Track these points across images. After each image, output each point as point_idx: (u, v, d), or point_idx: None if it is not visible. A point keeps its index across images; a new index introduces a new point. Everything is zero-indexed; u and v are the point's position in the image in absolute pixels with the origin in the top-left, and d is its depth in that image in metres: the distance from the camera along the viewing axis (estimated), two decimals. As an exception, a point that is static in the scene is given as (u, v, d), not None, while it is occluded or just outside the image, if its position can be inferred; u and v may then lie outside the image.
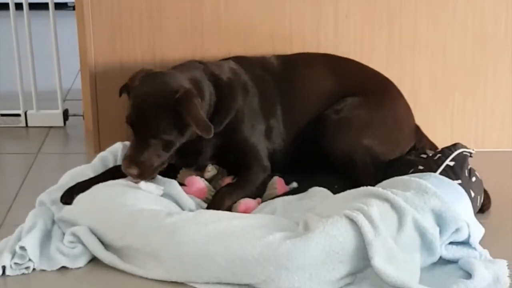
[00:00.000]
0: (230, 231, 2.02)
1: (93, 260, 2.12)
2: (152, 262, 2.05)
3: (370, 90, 2.54)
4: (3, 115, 3.18)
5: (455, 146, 2.31)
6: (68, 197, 2.28)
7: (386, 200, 2.03)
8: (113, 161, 2.51)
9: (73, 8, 3.24)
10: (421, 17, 2.79)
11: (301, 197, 2.36)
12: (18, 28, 3.12)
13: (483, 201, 2.35)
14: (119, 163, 2.48)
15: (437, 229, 2.02)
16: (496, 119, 2.88)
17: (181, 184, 2.35)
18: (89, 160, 2.54)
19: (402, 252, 1.97)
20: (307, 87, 2.55)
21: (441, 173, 2.23)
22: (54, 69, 3.16)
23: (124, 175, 2.31)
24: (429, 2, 2.78)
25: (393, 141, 2.49)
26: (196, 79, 2.34)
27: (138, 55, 2.79)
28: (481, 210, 2.35)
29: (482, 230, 2.15)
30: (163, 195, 2.27)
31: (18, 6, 3.11)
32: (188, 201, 2.29)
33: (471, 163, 2.32)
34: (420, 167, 2.28)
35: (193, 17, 2.77)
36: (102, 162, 2.50)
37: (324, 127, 2.46)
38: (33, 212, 2.25)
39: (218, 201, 2.30)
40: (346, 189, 2.19)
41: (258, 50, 2.72)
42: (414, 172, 2.25)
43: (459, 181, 2.21)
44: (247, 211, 2.29)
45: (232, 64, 2.52)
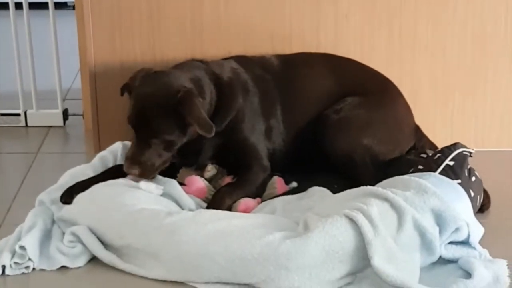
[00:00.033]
0: (230, 231, 2.02)
1: (93, 260, 2.12)
2: (152, 262, 2.05)
3: (370, 90, 2.54)
4: (3, 115, 3.18)
5: (455, 146, 2.31)
6: (68, 197, 2.28)
7: (386, 200, 2.03)
8: (113, 161, 2.50)
9: (73, 8, 3.23)
10: (421, 17, 2.79)
11: (301, 197, 2.36)
12: (18, 28, 3.11)
13: (483, 201, 2.35)
14: (119, 163, 2.48)
15: (437, 229, 2.02)
16: (496, 119, 2.88)
17: (181, 184, 2.35)
18: (89, 160, 2.54)
19: (402, 252, 1.96)
20: (307, 87, 2.55)
21: (441, 173, 2.23)
22: (54, 69, 3.15)
23: (124, 175, 2.31)
24: (429, 2, 2.78)
25: (393, 141, 2.49)
26: (197, 79, 2.34)
27: (138, 55, 2.79)
28: (481, 210, 2.35)
29: (482, 230, 2.15)
30: (163, 195, 2.27)
31: (18, 6, 3.10)
32: (188, 201, 2.29)
33: (471, 163, 2.32)
34: (420, 167, 2.28)
35: (193, 17, 2.77)
36: (102, 162, 2.49)
37: (324, 127, 2.46)
38: (33, 212, 2.25)
39: (218, 201, 2.30)
40: (346, 189, 2.19)
41: (258, 50, 2.72)
42: (414, 172, 2.25)
43: (459, 181, 2.21)
44: (247, 211, 2.29)
45: (233, 64, 2.51)
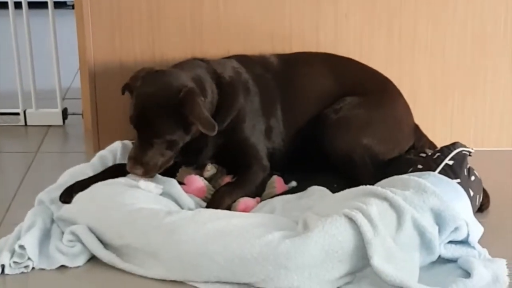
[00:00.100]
0: (229, 230, 2.02)
1: (92, 259, 2.12)
2: (152, 261, 2.05)
3: (370, 90, 2.54)
4: (2, 114, 3.18)
5: (454, 145, 2.31)
6: (67, 196, 2.27)
7: (385, 199, 2.03)
8: (112, 160, 2.50)
9: (72, 7, 3.23)
10: (421, 17, 2.79)
11: (300, 196, 2.35)
12: (17, 27, 3.11)
13: (482, 200, 2.35)
14: (118, 162, 2.48)
15: (436, 228, 2.02)
16: (496, 119, 2.88)
17: (180, 183, 2.35)
18: (88, 159, 2.54)
19: (401, 251, 1.96)
20: (307, 87, 2.55)
21: (440, 172, 2.23)
22: (53, 68, 3.15)
23: (123, 174, 2.31)
24: (429, 2, 2.78)
25: (393, 140, 2.49)
26: (199, 78, 2.33)
27: (138, 55, 2.78)
28: (480, 209, 2.35)
29: (481, 229, 2.15)
30: (163, 194, 2.27)
31: (17, 5, 3.10)
32: (187, 200, 2.29)
33: (470, 162, 2.32)
34: (419, 166, 2.28)
35: (193, 17, 2.77)
36: (101, 161, 2.49)
37: (324, 127, 2.46)
38: (32, 211, 2.25)
39: (218, 200, 2.30)
40: (345, 188, 2.19)
41: (258, 50, 2.72)
42: (413, 171, 2.25)
43: (458, 180, 2.21)
44: (246, 210, 2.29)
45: (234, 63, 2.51)
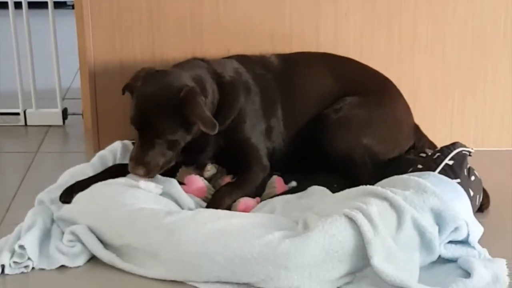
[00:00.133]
0: (229, 230, 2.02)
1: (92, 259, 2.11)
2: (152, 261, 2.05)
3: (370, 90, 2.53)
4: (2, 114, 3.18)
5: (454, 145, 2.31)
6: (67, 196, 2.27)
7: (385, 199, 2.03)
8: (113, 160, 2.50)
9: (72, 7, 3.23)
10: (421, 17, 2.79)
11: (300, 196, 2.35)
12: (17, 27, 3.11)
13: (482, 200, 2.35)
14: (119, 162, 2.48)
15: (436, 228, 2.02)
16: (495, 119, 2.88)
17: (181, 183, 2.35)
18: (88, 159, 2.54)
19: (401, 251, 1.96)
20: (307, 86, 2.55)
21: (440, 172, 2.23)
22: (53, 68, 3.15)
23: (124, 174, 2.31)
24: (429, 2, 2.78)
25: (393, 140, 2.49)
26: (199, 78, 2.33)
27: (138, 55, 2.78)
28: (480, 209, 2.35)
29: (481, 229, 2.15)
30: (163, 194, 2.27)
31: (17, 5, 3.10)
32: (188, 200, 2.29)
33: (470, 162, 2.32)
34: (419, 166, 2.28)
35: (193, 17, 2.77)
36: (101, 161, 2.49)
37: (324, 126, 2.46)
38: (32, 211, 2.25)
39: (218, 200, 2.30)
40: (346, 188, 2.19)
41: (258, 50, 2.72)
42: (413, 171, 2.25)
43: (458, 180, 2.21)
44: (246, 210, 2.29)
45: (234, 63, 2.51)
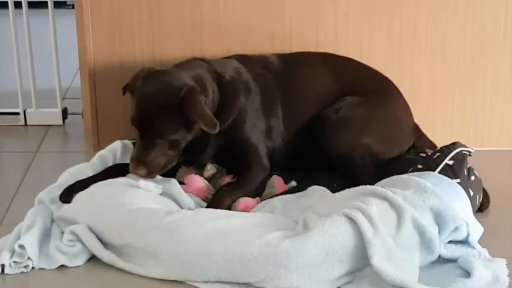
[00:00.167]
0: (229, 230, 2.02)
1: (92, 259, 2.11)
2: (151, 261, 2.05)
3: (370, 89, 2.53)
4: (2, 114, 3.18)
5: (454, 145, 2.31)
6: (67, 196, 2.27)
7: (385, 199, 2.03)
8: (112, 160, 2.50)
9: (72, 7, 3.23)
10: (421, 17, 2.79)
11: (300, 196, 2.35)
12: (17, 27, 3.11)
13: (482, 200, 2.35)
14: (118, 162, 2.48)
15: (436, 228, 2.02)
16: (495, 119, 2.88)
17: (181, 183, 2.35)
18: (88, 159, 2.54)
19: (401, 251, 1.96)
20: (307, 86, 2.55)
21: (440, 172, 2.23)
22: (53, 68, 3.15)
23: (123, 174, 2.31)
24: (429, 2, 2.78)
25: (392, 140, 2.49)
26: (200, 77, 2.33)
27: (138, 54, 2.78)
28: (480, 209, 2.35)
29: (481, 229, 2.15)
30: (162, 194, 2.27)
31: (17, 5, 3.10)
32: (187, 200, 2.29)
33: (470, 162, 2.32)
34: (419, 166, 2.28)
35: (193, 17, 2.77)
36: (101, 161, 2.49)
37: (324, 126, 2.46)
38: (32, 211, 2.25)
39: (218, 200, 2.30)
40: (345, 188, 2.19)
41: (258, 50, 2.72)
42: (413, 171, 2.25)
43: (458, 180, 2.21)
44: (246, 210, 2.29)
45: (235, 63, 2.51)
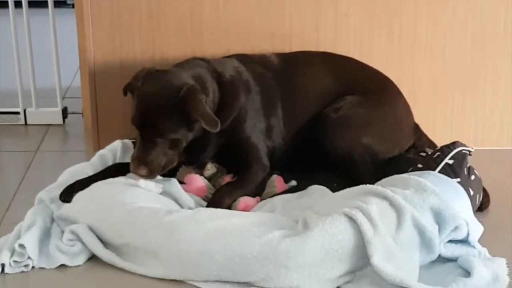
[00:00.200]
0: (229, 229, 2.02)
1: (92, 258, 2.11)
2: (152, 260, 2.05)
3: (370, 89, 2.53)
4: (2, 113, 3.18)
5: (454, 145, 2.31)
6: (67, 195, 2.27)
7: (385, 198, 2.03)
8: (112, 159, 2.51)
9: (73, 6, 3.24)
10: (421, 17, 2.79)
11: (300, 195, 2.35)
12: (18, 26, 3.11)
13: (482, 200, 2.35)
14: (118, 161, 2.49)
15: (436, 227, 2.02)
16: (495, 118, 2.88)
17: (181, 182, 2.35)
18: (88, 158, 2.54)
19: (401, 250, 1.96)
20: (307, 86, 2.55)
21: (440, 171, 2.23)
22: (53, 67, 3.15)
23: (123, 173, 2.31)
24: (429, 2, 2.78)
25: (393, 140, 2.49)
26: (200, 77, 2.33)
27: (138, 54, 2.78)
28: (480, 209, 2.35)
29: (481, 228, 2.15)
30: (163, 193, 2.27)
31: (18, 4, 3.11)
32: (187, 199, 2.29)
33: (470, 162, 2.32)
34: (419, 165, 2.28)
35: (193, 17, 2.77)
36: (101, 160, 2.49)
37: (324, 126, 2.46)
38: (32, 210, 2.25)
39: (218, 200, 2.30)
40: (345, 187, 2.19)
41: (258, 50, 2.72)
42: (413, 170, 2.25)
43: (458, 179, 2.21)
44: (246, 209, 2.29)
45: (235, 62, 2.51)
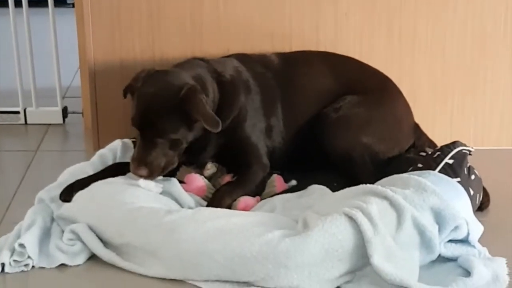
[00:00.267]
0: (229, 229, 2.02)
1: (92, 258, 2.12)
2: (151, 260, 2.05)
3: (370, 88, 2.53)
4: (2, 112, 3.18)
5: (454, 144, 2.31)
6: (67, 195, 2.27)
7: (385, 198, 2.03)
8: (112, 159, 2.51)
9: (73, 6, 3.23)
10: (421, 17, 2.79)
11: (300, 195, 2.35)
12: (18, 26, 3.11)
13: (482, 199, 2.35)
14: (118, 161, 2.49)
15: (436, 227, 2.02)
16: (495, 118, 2.88)
17: (181, 182, 2.35)
18: (88, 158, 2.54)
19: (401, 250, 1.96)
20: (307, 85, 2.55)
21: (440, 171, 2.23)
22: (53, 67, 3.15)
23: (123, 173, 2.31)
24: (429, 2, 2.78)
25: (392, 139, 2.49)
26: (200, 77, 2.33)
27: (138, 54, 2.78)
28: (480, 208, 2.35)
29: (481, 228, 2.15)
30: (163, 193, 2.27)
31: (18, 4, 3.11)
32: (187, 199, 2.29)
33: (470, 161, 2.32)
34: (419, 165, 2.28)
35: (193, 17, 2.77)
36: (101, 160, 2.49)
37: (323, 125, 2.46)
38: (32, 210, 2.25)
39: (218, 199, 2.30)
40: (345, 187, 2.19)
41: (258, 50, 2.71)
42: (413, 170, 2.25)
43: (458, 179, 2.21)
44: (246, 209, 2.29)
45: (234, 62, 2.51)
